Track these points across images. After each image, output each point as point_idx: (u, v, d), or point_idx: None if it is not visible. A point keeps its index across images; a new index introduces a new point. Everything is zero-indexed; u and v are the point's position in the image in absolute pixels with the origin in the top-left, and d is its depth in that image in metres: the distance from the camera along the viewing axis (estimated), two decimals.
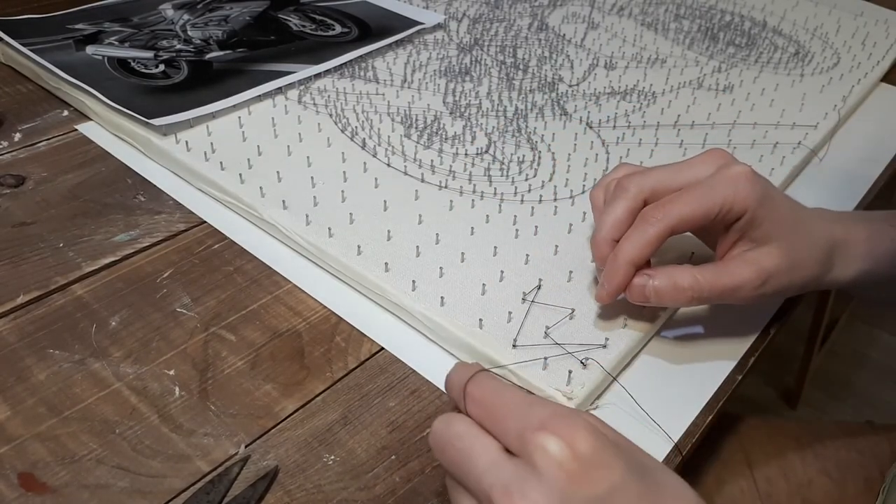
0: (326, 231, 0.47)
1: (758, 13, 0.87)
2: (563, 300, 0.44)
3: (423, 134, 0.59)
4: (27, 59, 0.64)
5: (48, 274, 0.45)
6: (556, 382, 0.38)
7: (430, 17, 0.78)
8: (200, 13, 0.74)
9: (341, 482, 0.35)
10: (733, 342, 0.44)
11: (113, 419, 0.37)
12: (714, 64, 0.74)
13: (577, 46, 0.76)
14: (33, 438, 0.36)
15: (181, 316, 0.43)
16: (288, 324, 0.43)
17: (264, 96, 0.62)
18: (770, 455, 0.62)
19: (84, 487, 0.34)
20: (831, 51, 0.79)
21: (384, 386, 0.40)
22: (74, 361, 0.40)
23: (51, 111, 0.61)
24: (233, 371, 0.40)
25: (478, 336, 0.41)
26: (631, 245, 0.39)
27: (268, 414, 0.38)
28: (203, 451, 0.36)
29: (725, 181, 0.39)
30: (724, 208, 0.38)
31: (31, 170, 0.54)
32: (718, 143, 0.60)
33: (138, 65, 0.64)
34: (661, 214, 0.38)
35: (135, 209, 0.51)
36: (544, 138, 0.60)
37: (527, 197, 0.53)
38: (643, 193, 0.40)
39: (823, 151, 0.63)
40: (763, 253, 0.39)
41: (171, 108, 0.57)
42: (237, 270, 0.47)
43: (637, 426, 0.39)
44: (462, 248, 0.47)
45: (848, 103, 0.67)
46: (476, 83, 0.67)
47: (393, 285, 0.44)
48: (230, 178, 0.51)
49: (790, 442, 0.63)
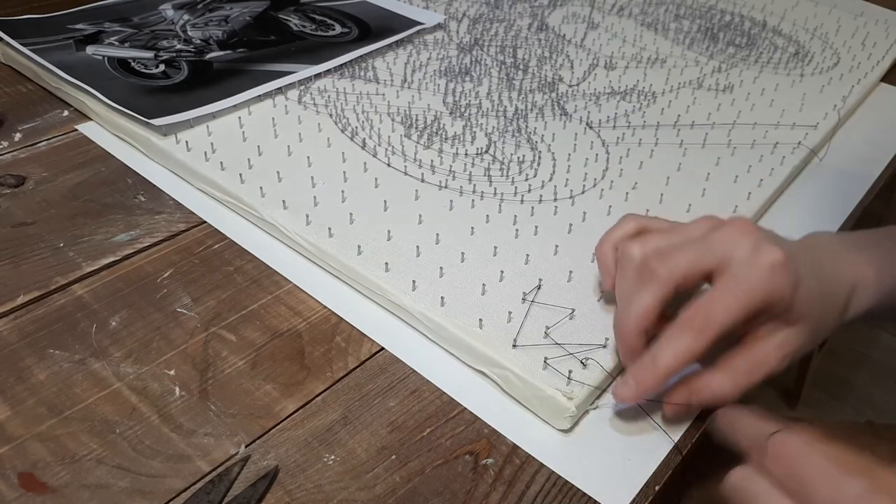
0: (326, 231, 0.47)
1: (758, 13, 0.87)
2: (563, 300, 0.44)
3: (423, 134, 0.59)
4: (27, 59, 0.64)
5: (48, 274, 0.45)
6: (556, 382, 0.38)
7: (430, 17, 0.78)
8: (200, 13, 0.74)
9: (341, 482, 0.35)
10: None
11: (113, 419, 0.37)
12: (714, 64, 0.74)
13: (577, 46, 0.76)
14: (33, 438, 0.36)
15: (181, 316, 0.43)
16: (288, 324, 0.43)
17: (264, 96, 0.62)
18: None
19: (84, 487, 0.34)
20: (831, 51, 0.79)
21: (384, 386, 0.40)
22: (74, 361, 0.40)
23: (51, 111, 0.61)
24: (233, 371, 0.40)
25: (478, 336, 0.41)
26: (674, 355, 0.36)
27: (268, 414, 0.38)
28: (203, 451, 0.36)
29: (764, 275, 0.35)
30: (765, 306, 0.36)
31: (32, 170, 0.54)
32: (718, 142, 0.60)
33: (138, 65, 0.64)
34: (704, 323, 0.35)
35: (135, 209, 0.51)
36: (544, 138, 0.60)
37: (527, 197, 0.53)
38: (674, 280, 0.37)
39: (823, 151, 0.63)
40: (791, 334, 0.37)
41: (172, 108, 0.57)
42: (237, 270, 0.47)
43: (637, 426, 0.39)
44: (462, 248, 0.47)
45: (848, 103, 0.67)
46: (476, 83, 0.67)
47: (393, 285, 0.44)
48: (230, 178, 0.51)
49: None
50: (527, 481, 0.36)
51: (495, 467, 0.36)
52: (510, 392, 0.40)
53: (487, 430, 0.38)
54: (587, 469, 0.37)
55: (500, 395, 0.40)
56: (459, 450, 0.37)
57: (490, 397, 0.40)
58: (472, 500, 0.35)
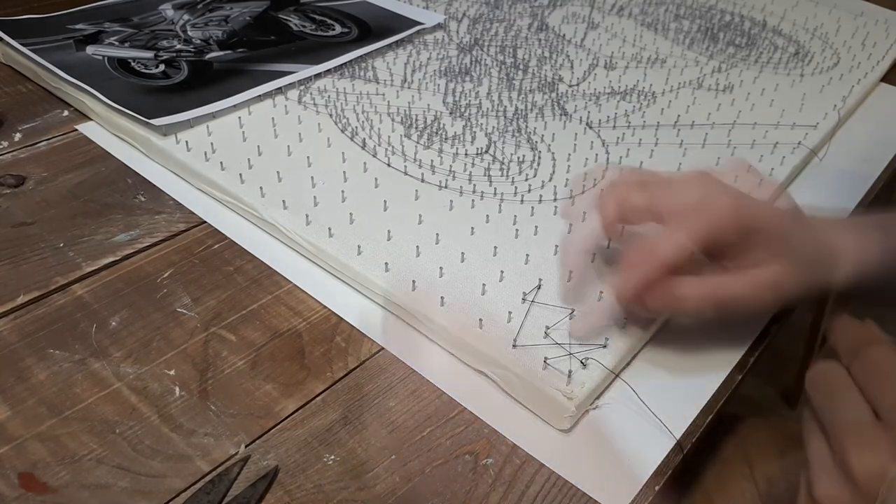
0: (326, 231, 0.47)
1: (758, 13, 0.87)
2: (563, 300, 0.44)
3: (423, 134, 0.59)
4: (27, 59, 0.64)
5: (48, 274, 0.45)
6: (556, 382, 0.38)
7: (430, 17, 0.78)
8: (200, 13, 0.74)
9: (341, 482, 0.35)
10: (733, 342, 0.44)
11: (113, 419, 0.37)
12: (714, 64, 0.74)
13: (577, 46, 0.76)
14: (33, 438, 0.36)
15: (181, 316, 0.43)
16: (288, 324, 0.43)
17: (264, 96, 0.62)
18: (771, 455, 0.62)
19: (84, 487, 0.34)
20: (831, 51, 0.79)
21: (384, 386, 0.40)
22: (74, 361, 0.40)
23: (51, 111, 0.61)
24: (233, 371, 0.40)
25: (478, 336, 0.41)
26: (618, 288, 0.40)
27: (268, 414, 0.38)
28: (203, 451, 0.36)
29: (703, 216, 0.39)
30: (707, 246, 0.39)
31: (31, 170, 0.54)
32: (718, 142, 0.60)
33: (138, 65, 0.64)
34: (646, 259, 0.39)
35: (135, 209, 0.51)
36: (544, 138, 0.60)
37: (527, 197, 0.53)
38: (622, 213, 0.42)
39: (823, 151, 0.63)
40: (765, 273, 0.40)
41: (172, 108, 0.57)
42: (237, 270, 0.47)
43: (637, 426, 0.39)
44: (462, 248, 0.47)
45: (848, 103, 0.67)
46: (476, 83, 0.67)
47: (393, 285, 0.44)
48: (230, 178, 0.51)
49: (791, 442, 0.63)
50: (527, 481, 0.36)
51: (495, 467, 0.36)
52: (510, 392, 0.40)
53: (487, 430, 0.38)
54: (587, 469, 0.37)
55: (500, 395, 0.40)
56: (459, 450, 0.37)
57: (490, 397, 0.40)
58: (472, 500, 0.35)
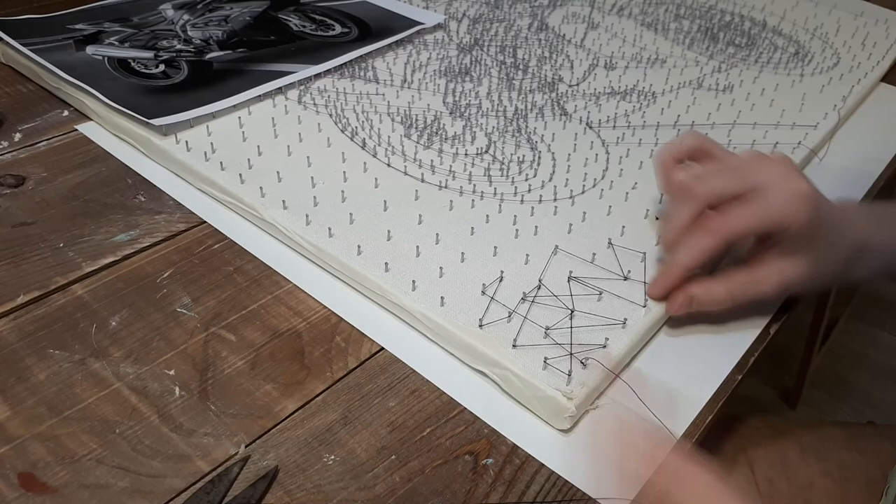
0: (326, 231, 0.47)
1: (758, 13, 0.87)
2: (563, 300, 0.44)
3: (423, 134, 0.59)
4: (27, 59, 0.64)
5: (48, 274, 0.45)
6: (556, 382, 0.38)
7: (430, 17, 0.78)
8: (200, 13, 0.74)
9: (341, 482, 0.35)
10: (733, 342, 0.44)
11: (113, 419, 0.37)
12: (714, 64, 0.74)
13: (577, 46, 0.76)
14: (33, 438, 0.36)
15: (181, 316, 0.43)
16: (288, 324, 0.43)
17: (264, 96, 0.62)
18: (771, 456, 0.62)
19: (84, 487, 0.34)
20: (831, 51, 0.79)
21: (384, 386, 0.40)
22: (74, 361, 0.40)
23: (51, 111, 0.61)
24: (233, 371, 0.40)
25: (478, 336, 0.41)
26: (685, 252, 0.42)
27: (268, 414, 0.38)
28: (203, 451, 0.36)
29: (785, 199, 0.41)
30: (780, 227, 0.41)
31: (31, 170, 0.54)
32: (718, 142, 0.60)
33: (138, 65, 0.64)
34: (720, 227, 0.41)
35: (135, 209, 0.51)
36: (544, 138, 0.60)
37: (527, 197, 0.53)
38: (709, 199, 0.42)
39: (823, 151, 0.63)
40: (790, 264, 0.42)
41: (171, 108, 0.57)
42: (237, 270, 0.47)
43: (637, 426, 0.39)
44: (462, 248, 0.47)
45: (848, 103, 0.67)
46: (476, 83, 0.67)
47: (393, 285, 0.44)
48: (230, 178, 0.51)
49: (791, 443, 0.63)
50: (527, 481, 0.36)
51: (495, 467, 0.36)
52: (510, 392, 0.40)
53: (487, 430, 0.38)
54: (587, 469, 0.37)
55: (500, 395, 0.40)
56: (459, 450, 0.37)
57: (490, 397, 0.40)
58: (471, 500, 0.35)
